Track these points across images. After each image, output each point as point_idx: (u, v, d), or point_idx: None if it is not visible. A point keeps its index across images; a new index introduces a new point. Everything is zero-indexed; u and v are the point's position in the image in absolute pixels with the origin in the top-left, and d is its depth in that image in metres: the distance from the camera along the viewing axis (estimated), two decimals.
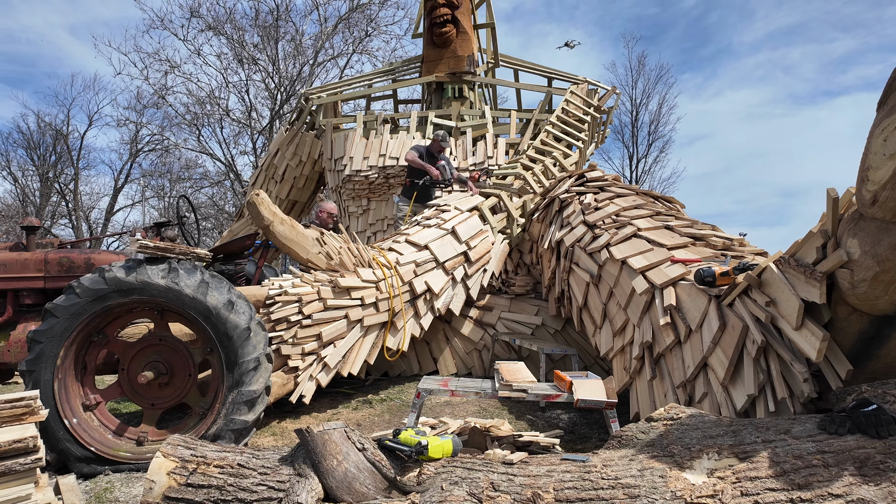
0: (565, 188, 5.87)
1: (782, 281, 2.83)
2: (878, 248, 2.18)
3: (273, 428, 4.52)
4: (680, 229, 4.48)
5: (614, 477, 2.11)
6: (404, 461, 2.47)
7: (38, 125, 24.67)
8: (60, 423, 3.43)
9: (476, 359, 5.95)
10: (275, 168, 10.25)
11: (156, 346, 3.77)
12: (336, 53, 21.87)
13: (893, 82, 1.96)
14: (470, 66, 9.51)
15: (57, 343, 3.43)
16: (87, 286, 3.45)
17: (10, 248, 4.29)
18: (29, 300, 4.17)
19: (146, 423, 3.74)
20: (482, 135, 8.86)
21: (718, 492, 1.96)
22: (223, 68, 21.63)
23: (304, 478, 2.30)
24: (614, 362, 4.29)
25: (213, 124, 22.60)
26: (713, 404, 3.15)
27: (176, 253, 3.68)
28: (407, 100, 12.48)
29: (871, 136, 2.04)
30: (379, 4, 21.29)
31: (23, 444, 2.34)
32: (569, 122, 8.75)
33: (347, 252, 5.09)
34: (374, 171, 8.49)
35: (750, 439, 2.22)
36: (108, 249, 19.73)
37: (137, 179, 25.52)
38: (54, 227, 24.88)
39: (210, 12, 20.95)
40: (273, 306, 4.59)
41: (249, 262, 5.35)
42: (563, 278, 5.28)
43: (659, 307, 3.71)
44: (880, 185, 2.01)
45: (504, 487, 2.14)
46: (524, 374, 3.62)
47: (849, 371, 2.55)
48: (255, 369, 3.58)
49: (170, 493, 2.27)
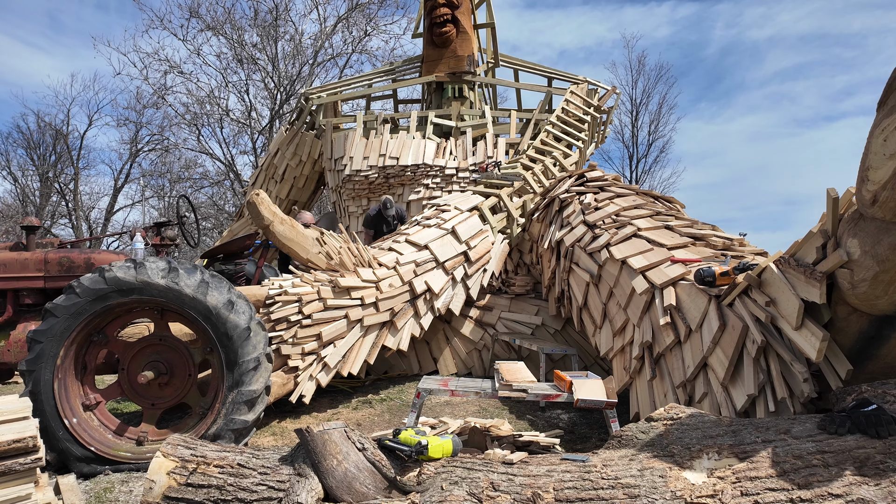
0: (565, 188, 5.87)
1: (782, 281, 2.83)
2: (878, 248, 2.18)
3: (273, 428, 4.52)
4: (680, 229, 4.48)
5: (614, 477, 2.11)
6: (404, 461, 2.47)
7: (37, 125, 24.68)
8: (60, 423, 3.43)
9: (476, 359, 5.95)
10: (275, 168, 10.25)
11: (156, 345, 3.77)
12: (335, 53, 21.87)
13: (893, 82, 1.96)
14: (470, 66, 9.50)
15: (57, 343, 3.43)
16: (87, 286, 3.45)
17: (10, 248, 4.29)
18: (29, 300, 4.17)
19: (146, 423, 3.74)
20: (482, 135, 8.86)
21: (718, 492, 1.96)
22: (223, 68, 21.63)
23: (304, 478, 2.30)
24: (614, 362, 4.28)
25: (213, 124, 22.59)
26: (713, 404, 3.15)
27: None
28: (407, 100, 12.48)
29: (871, 136, 2.04)
30: (378, 4, 21.29)
31: (22, 444, 2.34)
32: (569, 122, 8.75)
33: (347, 252, 5.09)
34: (374, 171, 8.49)
35: (750, 439, 2.22)
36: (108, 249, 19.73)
37: (137, 179, 25.51)
38: (54, 227, 24.87)
39: (209, 12, 20.95)
40: (273, 306, 4.59)
41: (249, 262, 5.35)
42: (563, 278, 5.27)
43: (659, 307, 3.71)
44: (880, 185, 2.01)
45: (504, 487, 2.14)
46: (524, 374, 3.62)
47: (849, 371, 2.55)
48: (255, 369, 3.58)
49: (170, 492, 2.27)
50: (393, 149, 8.59)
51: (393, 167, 8.42)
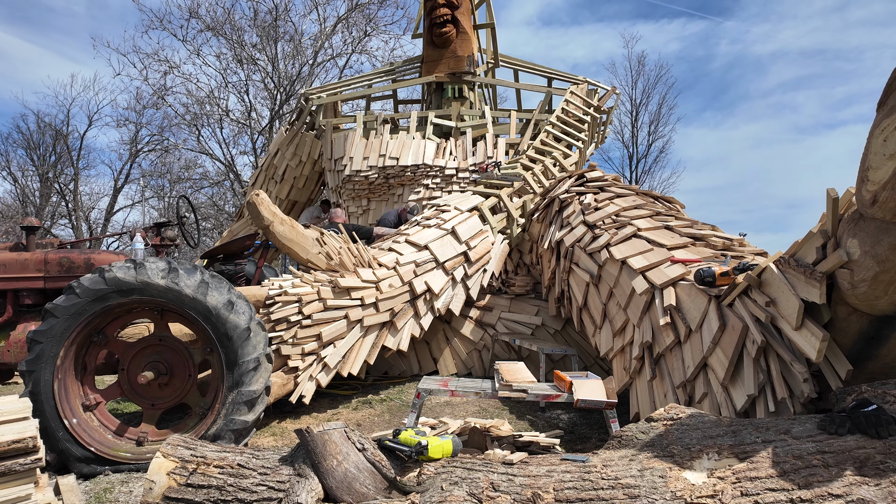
0: (565, 188, 5.87)
1: (782, 281, 2.83)
2: (878, 248, 2.18)
3: (273, 428, 4.52)
4: (680, 229, 4.48)
5: (614, 477, 2.11)
6: (404, 461, 2.47)
7: (37, 125, 24.69)
8: (60, 424, 3.43)
9: (476, 359, 5.95)
10: (275, 168, 10.25)
11: (156, 346, 3.77)
12: (335, 53, 21.88)
13: (893, 82, 1.96)
14: (470, 66, 9.51)
15: (57, 343, 3.43)
16: (86, 286, 3.45)
17: (10, 248, 4.29)
18: (29, 300, 4.17)
19: (146, 423, 3.74)
20: (482, 135, 8.86)
21: (718, 492, 1.96)
22: (222, 68, 21.64)
23: (304, 478, 2.30)
24: (614, 362, 4.29)
25: (213, 124, 22.60)
26: (713, 404, 3.14)
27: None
28: (407, 100, 12.49)
29: (870, 136, 2.04)
30: (378, 4, 21.30)
31: (22, 445, 2.34)
32: (569, 123, 8.76)
33: (347, 252, 5.09)
34: (374, 172, 8.50)
35: (750, 439, 2.22)
36: (108, 249, 19.73)
37: (137, 180, 25.52)
38: (54, 228, 24.88)
39: (209, 13, 20.96)
40: (273, 306, 4.59)
41: (249, 262, 5.35)
42: (563, 278, 5.28)
43: (659, 307, 3.71)
44: (880, 185, 2.01)
45: (504, 487, 2.14)
46: (524, 374, 3.62)
47: (849, 371, 2.55)
48: (254, 369, 3.58)
49: (170, 493, 2.27)
50: (393, 149, 8.59)
51: (393, 167, 8.42)
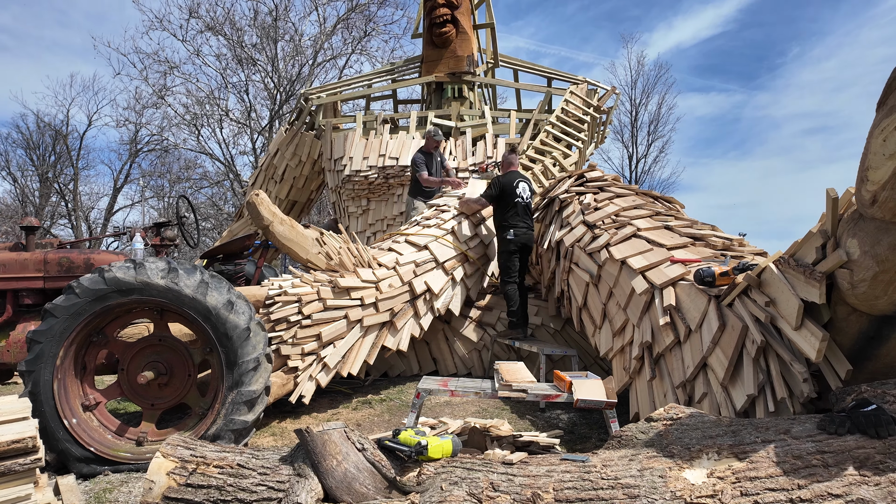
0: (565, 188, 5.87)
1: (782, 281, 2.83)
2: (877, 248, 2.18)
3: (273, 428, 4.52)
4: (680, 229, 4.48)
5: (614, 477, 2.11)
6: (404, 461, 2.47)
7: (37, 125, 24.70)
8: (60, 424, 3.42)
9: (476, 359, 5.95)
10: (274, 168, 10.25)
11: (155, 346, 3.77)
12: (335, 54, 21.89)
13: (893, 82, 1.96)
14: (469, 66, 9.51)
15: (56, 343, 3.43)
16: (86, 286, 3.45)
17: (10, 248, 4.29)
18: (28, 300, 4.17)
19: (146, 423, 3.74)
20: (482, 135, 8.86)
21: (718, 492, 1.96)
22: (222, 68, 21.65)
23: (303, 478, 2.30)
24: (614, 362, 4.29)
25: (213, 124, 22.62)
26: (713, 404, 3.15)
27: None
28: (407, 100, 12.48)
29: (870, 137, 2.04)
30: (378, 4, 21.30)
31: (22, 445, 2.34)
32: (568, 123, 8.76)
33: (347, 252, 5.09)
34: (374, 172, 8.49)
35: (750, 439, 2.22)
36: (108, 249, 19.71)
37: (137, 179, 25.54)
38: (54, 227, 24.89)
39: (209, 13, 20.96)
40: (273, 306, 4.59)
41: (249, 262, 5.35)
42: (562, 278, 5.28)
43: (658, 307, 3.71)
44: (880, 185, 2.01)
45: (504, 487, 2.14)
46: (524, 374, 3.62)
47: (848, 371, 2.55)
48: (254, 369, 3.58)
49: (169, 493, 2.27)
50: (393, 149, 8.59)
51: (393, 167, 8.42)
